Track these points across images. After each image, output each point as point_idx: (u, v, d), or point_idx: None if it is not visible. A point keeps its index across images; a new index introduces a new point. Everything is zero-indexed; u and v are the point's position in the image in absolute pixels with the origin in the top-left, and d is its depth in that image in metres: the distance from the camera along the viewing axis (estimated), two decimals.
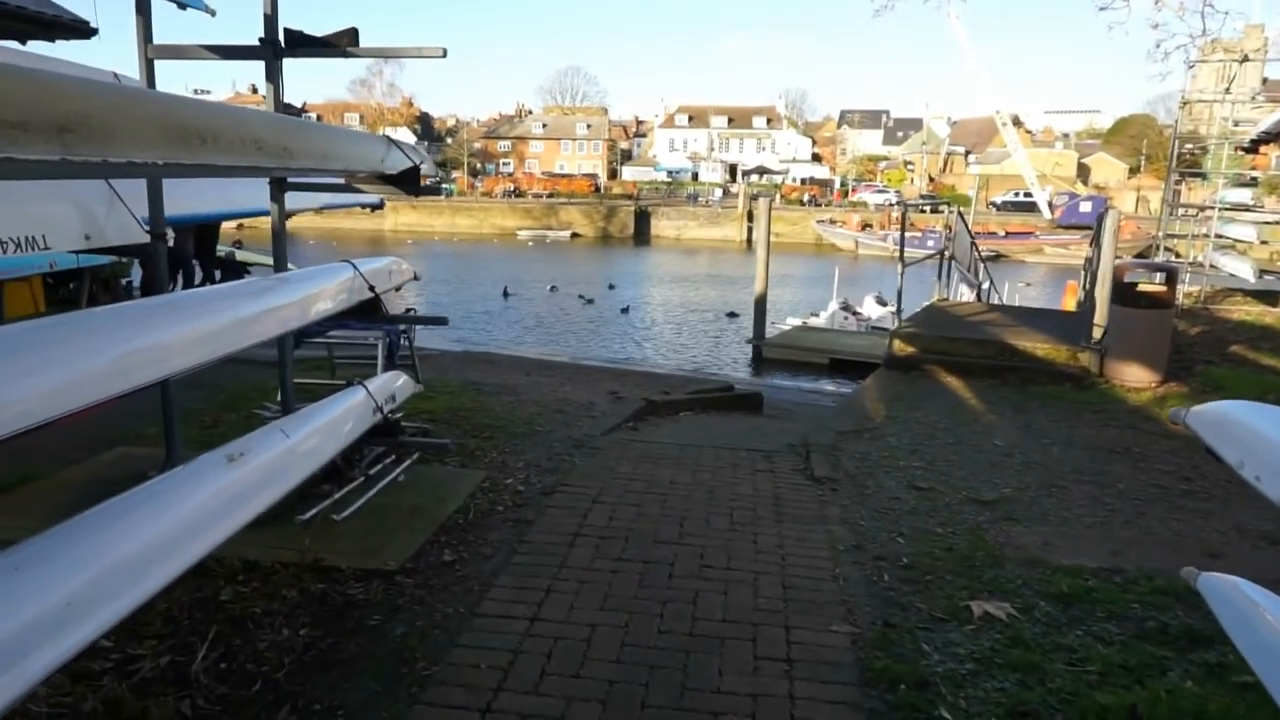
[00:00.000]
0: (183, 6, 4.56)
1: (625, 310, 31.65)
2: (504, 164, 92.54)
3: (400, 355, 7.31)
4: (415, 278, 5.13)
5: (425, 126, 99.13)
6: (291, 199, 4.62)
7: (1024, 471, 5.21)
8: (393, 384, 4.49)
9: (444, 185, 74.87)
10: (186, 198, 5.81)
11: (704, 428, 6.89)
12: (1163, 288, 7.56)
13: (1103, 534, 4.28)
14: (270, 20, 3.95)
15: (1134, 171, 78.98)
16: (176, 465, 3.26)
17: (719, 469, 5.11)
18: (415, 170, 3.94)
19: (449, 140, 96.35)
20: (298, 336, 6.45)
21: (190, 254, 10.86)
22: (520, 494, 4.55)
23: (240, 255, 16.04)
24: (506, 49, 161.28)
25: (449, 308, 31.26)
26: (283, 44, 3.94)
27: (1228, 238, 12.31)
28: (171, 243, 10.14)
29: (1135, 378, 7.56)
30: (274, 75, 3.96)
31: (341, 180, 4.05)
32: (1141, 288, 7.60)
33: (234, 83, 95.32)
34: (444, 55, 3.94)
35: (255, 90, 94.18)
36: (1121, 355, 7.69)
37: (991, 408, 6.78)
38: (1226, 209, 12.18)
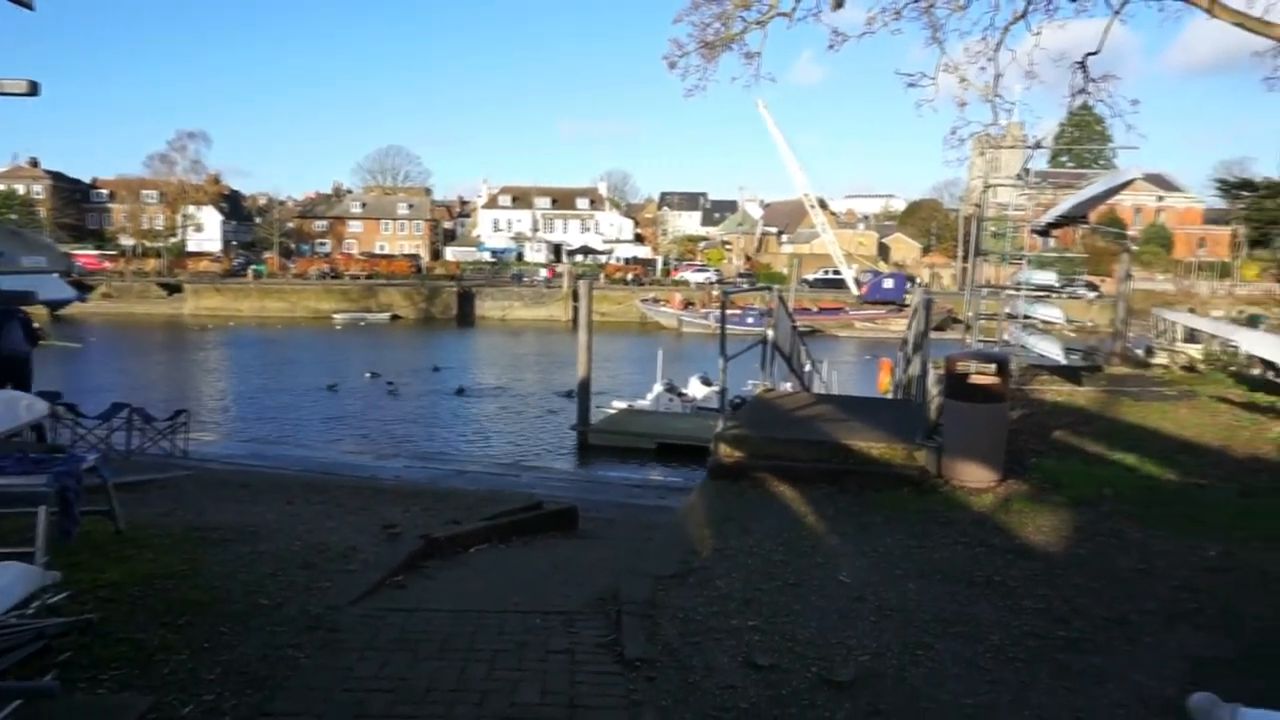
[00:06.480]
0: None
1: (460, 391, 30.12)
2: (320, 244, 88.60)
3: (94, 487, 5.59)
4: (52, 415, 3.62)
5: (234, 205, 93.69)
6: None
7: (880, 623, 4.24)
8: None
9: (254, 266, 70.31)
10: None
11: (496, 572, 5.58)
12: (995, 379, 7.04)
13: None
14: None
15: (926, 250, 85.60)
16: None
17: (500, 655, 3.82)
18: None
19: (259, 220, 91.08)
20: None
21: (29, 351, 7.64)
22: None
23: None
24: (328, 127, 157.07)
25: (256, 399, 28.38)
26: None
27: (1035, 318, 12.51)
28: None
29: (974, 477, 6.94)
30: None
31: None
32: (974, 379, 7.05)
33: (15, 155, 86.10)
34: (33, 92, 2.60)
35: (36, 164, 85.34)
36: (958, 453, 7.06)
37: (832, 527, 5.88)
38: (1033, 290, 12.39)
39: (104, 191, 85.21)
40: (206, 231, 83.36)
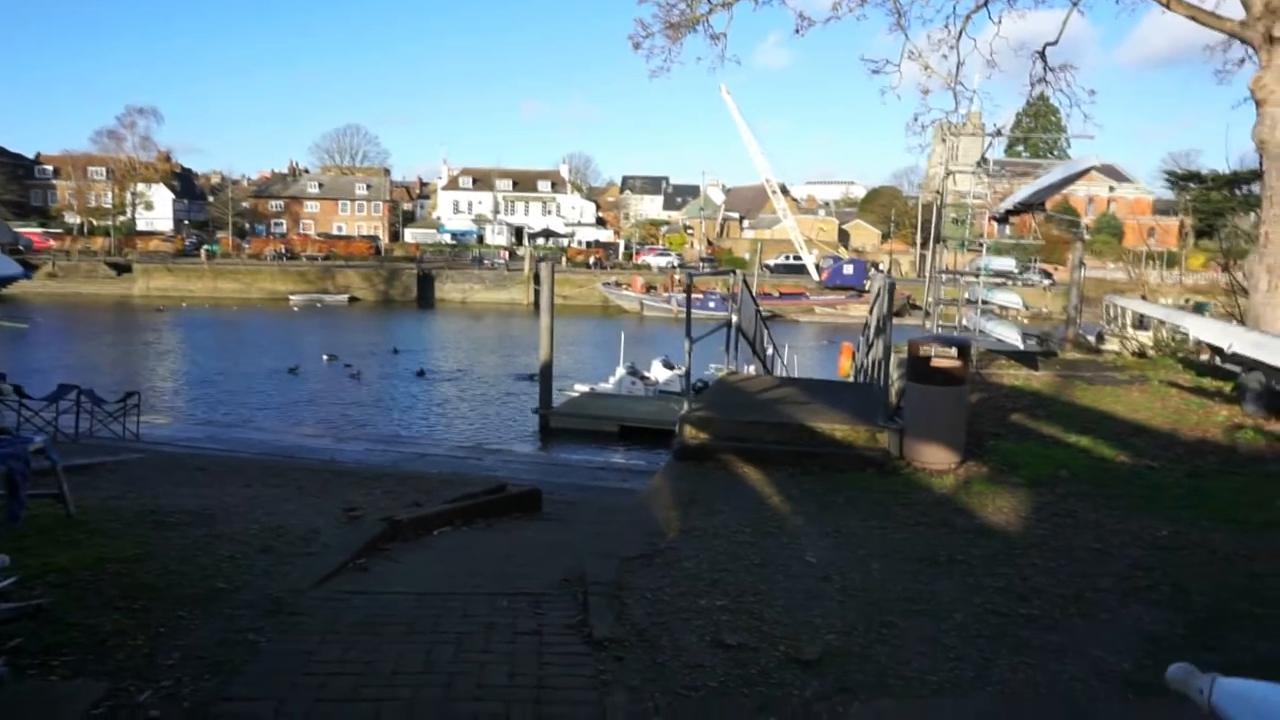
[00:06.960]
0: None
1: (421, 374, 29.88)
2: (276, 225, 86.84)
3: (42, 470, 5.44)
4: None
5: (186, 183, 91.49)
6: None
7: (846, 603, 4.28)
8: None
9: (207, 246, 68.71)
10: None
11: (461, 554, 5.54)
12: (957, 362, 7.14)
13: (955, 706, 3.36)
14: None
15: (886, 237, 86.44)
16: None
17: (466, 637, 3.78)
18: None
19: (213, 199, 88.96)
20: None
21: None
22: None
23: None
24: (284, 105, 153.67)
25: (211, 382, 27.79)
26: None
27: (994, 304, 12.69)
28: None
29: (935, 459, 7.03)
30: None
31: None
32: (935, 363, 7.15)
33: None
34: None
35: None
36: (920, 435, 7.15)
37: (797, 507, 5.92)
38: (991, 276, 12.57)
39: (48, 167, 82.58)
40: (157, 210, 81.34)
